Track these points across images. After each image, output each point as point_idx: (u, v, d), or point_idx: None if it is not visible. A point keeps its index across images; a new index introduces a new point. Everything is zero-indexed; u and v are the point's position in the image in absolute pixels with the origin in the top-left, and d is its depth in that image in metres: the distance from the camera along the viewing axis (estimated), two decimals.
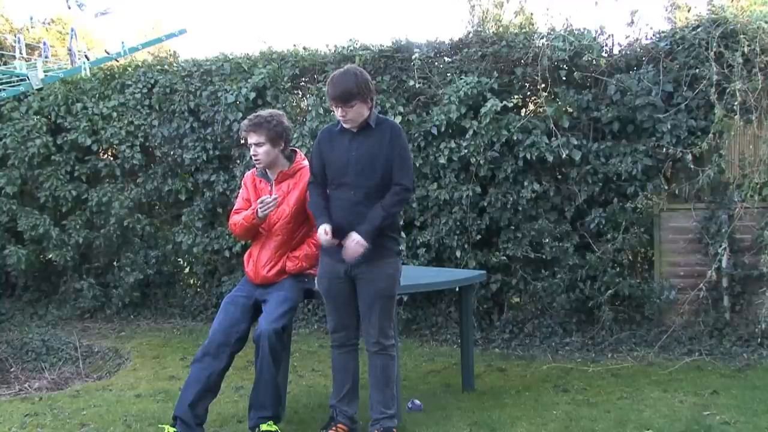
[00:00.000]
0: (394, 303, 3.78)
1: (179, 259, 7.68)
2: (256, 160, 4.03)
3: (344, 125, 3.71)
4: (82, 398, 4.77)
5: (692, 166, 5.82)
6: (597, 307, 6.02)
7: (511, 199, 6.15)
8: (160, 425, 3.94)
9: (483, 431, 3.94)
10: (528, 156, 6.03)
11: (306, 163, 4.13)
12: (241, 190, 4.26)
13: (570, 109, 6.07)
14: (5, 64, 7.55)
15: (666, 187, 6.05)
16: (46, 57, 6.40)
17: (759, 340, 5.61)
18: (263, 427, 3.82)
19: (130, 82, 7.49)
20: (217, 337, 3.87)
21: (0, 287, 7.99)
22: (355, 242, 3.56)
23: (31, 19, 15.79)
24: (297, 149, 4.24)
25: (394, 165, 3.65)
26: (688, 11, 7.71)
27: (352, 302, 3.76)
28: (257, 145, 3.99)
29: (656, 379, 4.96)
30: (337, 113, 3.66)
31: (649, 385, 4.80)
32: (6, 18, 14.35)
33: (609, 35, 6.28)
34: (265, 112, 4.11)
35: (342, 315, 3.82)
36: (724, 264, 5.83)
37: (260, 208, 3.91)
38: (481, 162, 6.12)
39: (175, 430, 3.76)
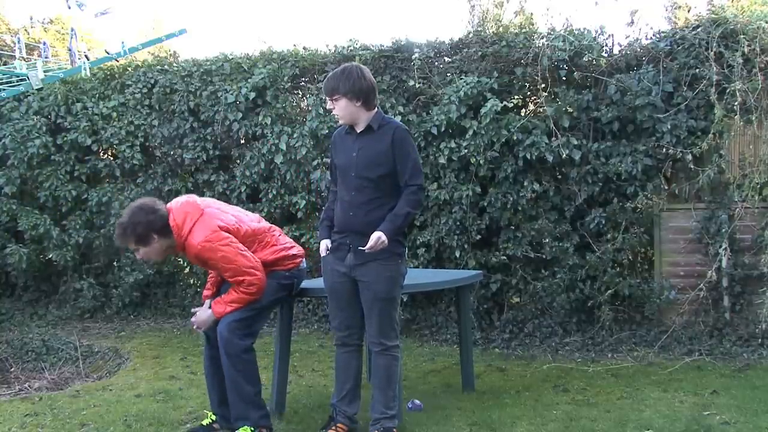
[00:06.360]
0: (396, 304, 3.77)
1: (179, 259, 7.67)
2: (145, 262, 3.92)
3: (339, 121, 3.76)
4: (82, 398, 4.76)
5: (692, 166, 5.82)
6: (597, 307, 6.02)
7: (511, 199, 6.16)
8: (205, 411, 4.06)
9: (483, 431, 3.94)
10: (528, 156, 6.03)
11: (186, 230, 3.69)
12: None
13: (570, 109, 6.07)
14: (5, 64, 7.56)
15: (666, 187, 6.05)
16: (46, 57, 6.41)
17: (759, 340, 5.61)
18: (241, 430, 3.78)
19: (130, 82, 7.49)
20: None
21: (0, 287, 7.99)
22: (376, 238, 3.55)
23: (31, 19, 15.81)
24: (171, 220, 3.73)
25: (402, 167, 3.65)
26: (688, 11, 7.73)
27: (355, 302, 3.75)
28: (135, 251, 3.85)
29: (656, 379, 4.96)
30: (328, 106, 3.74)
31: (649, 385, 4.80)
32: (2, 18, 14.36)
33: (609, 35, 6.28)
34: (124, 216, 3.77)
35: (345, 314, 3.81)
36: (724, 264, 5.83)
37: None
38: (481, 162, 6.12)
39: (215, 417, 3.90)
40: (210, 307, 3.84)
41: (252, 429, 3.73)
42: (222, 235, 3.68)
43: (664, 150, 5.89)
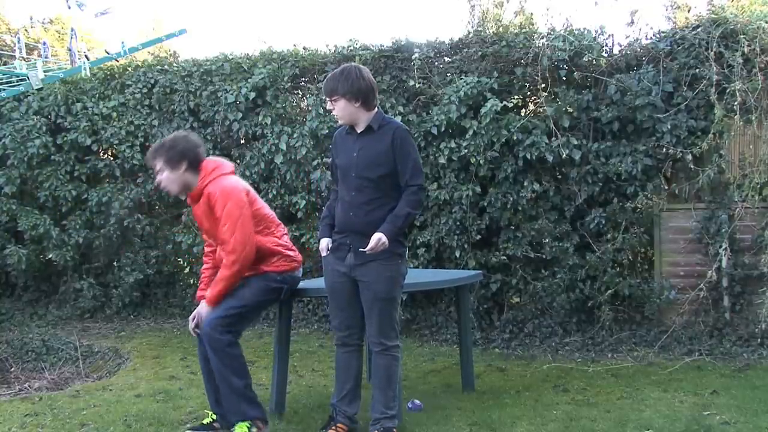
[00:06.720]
0: (397, 304, 3.77)
1: (179, 259, 7.68)
2: (163, 188, 3.89)
3: (339, 121, 3.77)
4: (82, 398, 4.76)
5: (692, 166, 5.82)
6: (597, 307, 6.02)
7: (511, 199, 6.16)
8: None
9: (483, 431, 3.94)
10: (528, 156, 6.03)
11: (212, 177, 3.84)
12: None
13: (570, 109, 6.07)
14: (5, 64, 7.56)
15: (666, 187, 6.06)
16: (46, 57, 6.42)
17: (759, 340, 5.61)
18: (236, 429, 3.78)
19: (130, 82, 7.49)
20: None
21: (0, 287, 7.99)
22: (377, 240, 3.56)
23: (31, 19, 15.81)
24: (204, 163, 3.89)
25: (403, 167, 3.65)
26: (688, 11, 7.74)
27: (355, 302, 3.75)
28: (158, 172, 3.85)
29: (656, 379, 4.96)
30: (328, 106, 3.75)
31: (649, 385, 4.80)
32: (2, 18, 14.36)
33: (609, 35, 6.29)
34: (168, 137, 3.96)
35: (346, 314, 3.81)
36: (724, 264, 5.83)
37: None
38: (481, 162, 6.12)
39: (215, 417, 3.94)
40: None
41: (249, 424, 3.74)
42: (242, 197, 3.80)
43: (664, 150, 5.89)
